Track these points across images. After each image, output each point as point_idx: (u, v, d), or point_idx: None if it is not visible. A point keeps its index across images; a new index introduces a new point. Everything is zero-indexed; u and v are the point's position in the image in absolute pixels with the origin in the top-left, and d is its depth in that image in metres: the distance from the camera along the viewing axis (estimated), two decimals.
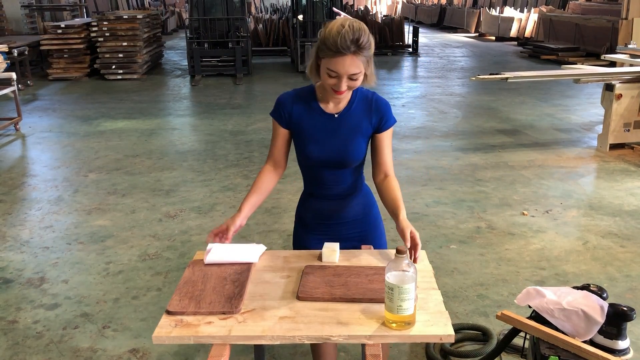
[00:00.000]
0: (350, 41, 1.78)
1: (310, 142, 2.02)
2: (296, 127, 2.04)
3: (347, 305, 1.73)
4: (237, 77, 11.52)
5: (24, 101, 9.13)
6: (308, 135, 2.02)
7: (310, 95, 2.03)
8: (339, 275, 1.86)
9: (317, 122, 2.01)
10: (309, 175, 2.14)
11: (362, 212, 2.17)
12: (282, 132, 2.07)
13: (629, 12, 11.84)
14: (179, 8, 25.40)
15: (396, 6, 29.14)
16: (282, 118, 2.04)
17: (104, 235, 4.24)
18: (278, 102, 2.06)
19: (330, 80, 1.86)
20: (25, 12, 14.85)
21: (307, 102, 2.02)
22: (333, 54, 1.80)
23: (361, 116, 2.01)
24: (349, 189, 2.12)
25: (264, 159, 6.01)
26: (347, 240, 2.14)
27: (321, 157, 2.02)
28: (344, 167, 2.05)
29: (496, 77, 5.87)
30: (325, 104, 2.02)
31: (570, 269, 3.65)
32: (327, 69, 1.84)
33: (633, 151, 6.14)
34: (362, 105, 2.02)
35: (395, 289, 1.58)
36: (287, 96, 2.06)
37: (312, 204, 2.18)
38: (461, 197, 4.92)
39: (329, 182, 2.09)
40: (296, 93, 2.06)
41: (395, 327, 1.61)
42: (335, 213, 2.15)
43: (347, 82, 1.86)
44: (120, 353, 2.85)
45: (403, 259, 1.59)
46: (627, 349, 1.94)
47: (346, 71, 1.83)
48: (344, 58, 1.80)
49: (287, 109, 2.03)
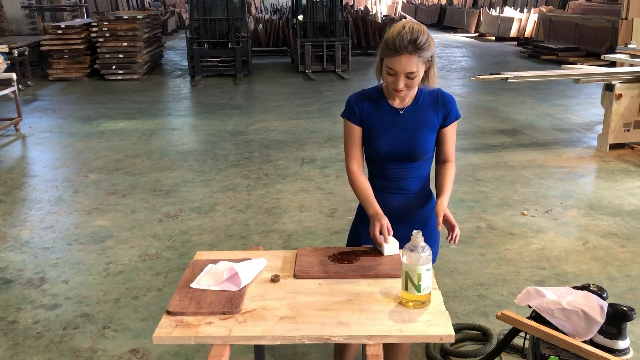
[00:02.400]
0: (407, 41, 1.90)
1: (379, 136, 2.12)
2: (366, 123, 2.14)
3: (347, 305, 1.73)
4: (237, 78, 11.52)
5: (24, 101, 9.14)
6: (377, 129, 2.12)
7: (377, 93, 2.15)
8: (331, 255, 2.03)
9: (385, 117, 2.12)
10: (375, 169, 2.21)
11: (424, 214, 2.23)
12: (357, 130, 2.16)
13: (629, 12, 11.84)
14: (179, 8, 25.40)
15: (396, 6, 29.14)
16: (355, 116, 2.14)
17: (104, 236, 4.25)
18: (349, 102, 2.16)
19: (389, 78, 1.99)
20: (26, 12, 14.85)
21: (374, 100, 2.14)
22: (392, 53, 1.93)
23: (427, 111, 2.12)
24: (414, 185, 2.19)
25: (264, 159, 6.08)
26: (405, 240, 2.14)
27: (390, 151, 2.11)
28: (411, 161, 2.14)
29: (496, 77, 5.87)
30: (392, 100, 2.12)
31: (570, 269, 3.66)
32: (387, 67, 1.97)
33: (633, 151, 6.14)
34: (428, 100, 2.13)
35: (411, 269, 1.67)
36: (356, 95, 2.18)
37: (378, 199, 2.19)
38: (461, 197, 4.92)
39: (395, 176, 2.17)
40: (364, 92, 2.18)
41: (412, 306, 1.71)
42: (397, 209, 2.19)
43: (405, 80, 1.97)
44: (121, 353, 2.86)
45: (419, 242, 1.68)
46: (627, 349, 1.94)
47: (403, 69, 1.94)
48: (401, 57, 1.92)
49: (358, 105, 2.14)
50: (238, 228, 4.34)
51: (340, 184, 5.21)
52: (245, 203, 4.84)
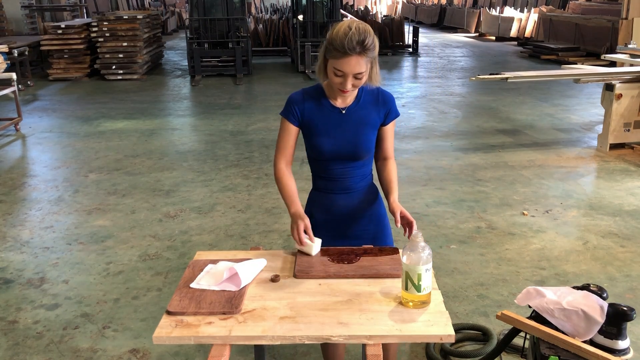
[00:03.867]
0: (356, 42, 1.88)
1: (321, 136, 2.10)
2: (307, 123, 2.11)
3: (347, 305, 1.73)
4: (237, 77, 11.52)
5: (24, 101, 9.14)
6: (319, 129, 2.10)
7: (318, 93, 2.12)
8: (331, 255, 2.02)
9: (327, 117, 2.10)
10: (318, 170, 2.20)
11: (372, 210, 2.23)
12: (294, 131, 2.13)
13: (629, 12, 11.84)
14: (179, 8, 25.41)
15: (396, 6, 29.14)
16: (294, 116, 2.11)
17: (104, 236, 4.25)
18: (289, 101, 2.13)
19: (337, 79, 1.96)
20: (26, 12, 14.86)
21: (316, 99, 2.11)
22: (340, 55, 1.90)
23: (369, 109, 2.12)
24: (358, 183, 2.19)
25: (264, 159, 6.08)
26: (356, 238, 2.20)
27: (333, 150, 2.10)
28: (354, 160, 2.13)
29: (496, 77, 5.87)
30: (334, 100, 2.11)
31: (570, 269, 3.65)
32: (334, 69, 1.94)
33: (633, 151, 6.14)
34: (369, 99, 2.12)
35: (411, 269, 1.67)
36: (297, 95, 2.14)
37: (321, 200, 2.22)
38: (461, 197, 4.92)
39: (338, 176, 2.16)
40: (305, 91, 2.15)
41: (412, 306, 1.71)
42: (344, 208, 2.19)
43: (352, 81, 1.96)
44: (121, 353, 2.85)
45: (419, 242, 1.68)
46: (627, 349, 1.94)
47: (352, 71, 1.92)
48: (350, 59, 1.90)
49: (299, 106, 2.11)
50: (238, 228, 4.35)
51: None
52: (245, 203, 4.84)
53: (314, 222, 2.23)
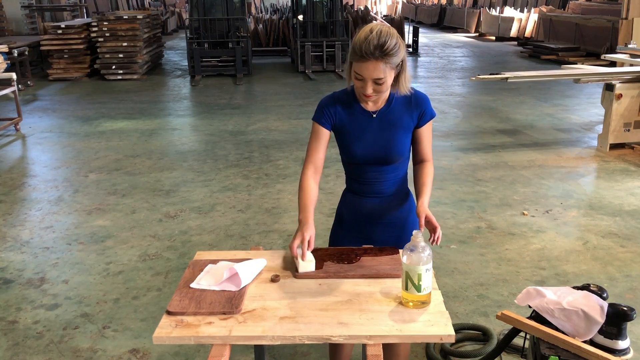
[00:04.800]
0: (374, 47, 1.83)
1: (354, 141, 2.07)
2: (340, 127, 2.09)
3: (347, 305, 1.73)
4: (237, 78, 11.52)
5: (24, 101, 9.14)
6: (351, 134, 2.07)
7: (349, 96, 2.09)
8: (330, 255, 2.02)
9: (359, 120, 2.07)
10: (351, 173, 2.18)
11: (401, 216, 2.19)
12: (325, 135, 2.10)
13: (629, 12, 11.84)
14: (179, 8, 25.40)
15: (396, 6, 29.13)
16: (327, 120, 2.08)
17: (104, 236, 4.25)
18: (321, 105, 2.10)
19: (357, 83, 1.94)
20: (26, 12, 14.85)
21: (347, 103, 2.08)
22: (359, 58, 1.87)
23: (401, 112, 2.07)
24: (390, 187, 2.16)
25: (264, 159, 6.08)
26: (382, 243, 2.16)
27: (365, 154, 2.07)
28: (387, 163, 2.10)
29: (496, 77, 5.87)
30: (365, 104, 2.07)
31: (571, 269, 3.65)
32: (354, 72, 1.92)
33: (633, 151, 6.14)
34: (401, 101, 2.07)
35: (411, 269, 1.67)
36: (328, 99, 2.11)
37: (352, 202, 2.20)
38: (461, 197, 4.92)
39: (371, 179, 2.13)
40: (335, 95, 2.11)
41: (412, 306, 1.71)
42: (374, 212, 2.17)
43: (373, 86, 1.92)
44: (121, 353, 2.85)
45: (419, 242, 1.68)
46: (627, 349, 1.94)
47: (370, 76, 1.88)
48: (368, 63, 1.86)
49: (332, 110, 2.08)
50: (238, 228, 4.34)
51: (340, 184, 5.21)
52: (245, 203, 4.84)
53: (342, 223, 2.23)
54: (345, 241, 2.21)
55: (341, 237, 2.24)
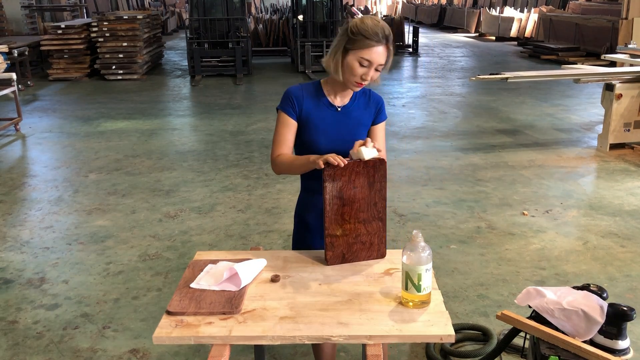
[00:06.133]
0: (386, 32, 1.95)
1: (318, 133, 2.09)
2: (305, 119, 2.09)
3: (347, 305, 1.73)
4: (237, 78, 11.52)
5: (24, 102, 9.13)
6: (317, 126, 2.09)
7: (317, 89, 2.12)
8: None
9: (324, 114, 2.10)
10: (311, 173, 2.12)
11: None
12: (292, 125, 2.09)
13: (629, 12, 11.84)
14: (179, 8, 25.40)
15: (396, 6, 29.14)
16: (293, 110, 2.08)
17: (104, 236, 4.25)
18: (288, 95, 2.10)
19: (361, 69, 1.97)
20: (26, 12, 14.85)
21: (315, 96, 2.11)
22: (371, 43, 1.93)
23: (362, 109, 2.14)
24: None
25: (264, 159, 6.07)
26: None
27: (328, 148, 2.06)
28: None
29: (496, 77, 5.87)
30: (332, 98, 2.11)
31: (570, 269, 3.65)
32: (361, 58, 1.95)
33: (633, 151, 6.14)
34: (362, 99, 2.15)
35: (411, 269, 1.67)
36: (295, 89, 2.11)
37: (314, 202, 2.18)
38: (461, 197, 4.92)
39: None
40: (303, 87, 2.13)
41: (412, 306, 1.71)
42: None
43: (372, 72, 1.98)
44: (121, 353, 2.85)
45: (419, 242, 1.67)
46: (627, 349, 1.94)
47: (378, 60, 1.95)
48: (379, 47, 1.94)
49: (299, 100, 2.08)
50: (238, 228, 4.34)
51: None
52: (245, 203, 4.84)
53: (307, 228, 2.22)
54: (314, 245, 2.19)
55: (309, 241, 2.22)
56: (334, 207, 1.94)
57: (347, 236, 1.97)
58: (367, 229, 1.99)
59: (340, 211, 1.95)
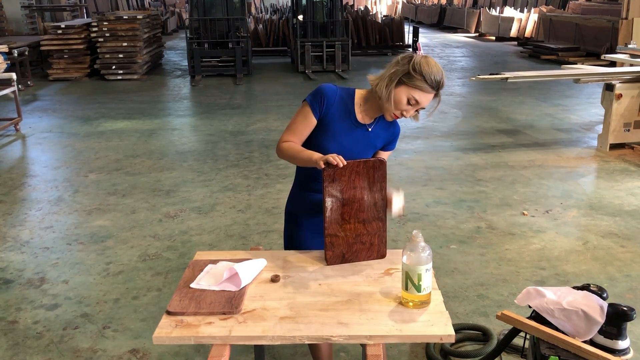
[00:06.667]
0: (443, 82, 2.00)
1: (332, 141, 2.07)
2: (326, 123, 2.07)
3: (347, 305, 1.73)
4: (237, 78, 11.52)
5: (24, 102, 9.13)
6: (334, 132, 2.07)
7: (349, 98, 2.09)
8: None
9: (346, 126, 2.08)
10: (310, 171, 2.14)
11: None
12: (312, 122, 2.07)
13: (629, 12, 11.84)
14: (179, 8, 25.40)
15: (396, 6, 29.13)
16: (320, 109, 2.05)
17: (104, 236, 4.25)
18: (321, 93, 2.05)
19: (404, 105, 1.99)
20: (26, 12, 14.85)
21: (344, 104, 2.08)
22: (425, 87, 1.96)
23: (380, 133, 2.15)
24: None
25: (264, 159, 6.08)
26: None
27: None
28: None
29: (496, 77, 5.87)
30: (359, 111, 2.09)
31: (570, 269, 3.65)
32: (411, 95, 1.97)
33: (633, 151, 6.14)
34: (384, 123, 2.15)
35: (411, 269, 1.67)
36: (331, 91, 2.07)
37: (306, 199, 2.19)
38: (461, 197, 4.92)
39: None
40: (338, 91, 2.09)
41: (412, 306, 1.71)
42: None
43: (413, 112, 2.04)
44: (121, 353, 2.85)
45: (419, 241, 1.68)
46: (627, 349, 1.94)
47: (425, 103, 2.02)
48: (431, 95, 2.00)
49: (329, 103, 2.06)
50: (238, 228, 4.35)
51: None
52: (245, 203, 4.84)
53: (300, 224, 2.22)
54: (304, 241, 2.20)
55: (299, 238, 2.23)
56: (334, 207, 1.94)
57: (347, 236, 1.97)
58: (367, 229, 1.99)
59: (340, 211, 1.95)
